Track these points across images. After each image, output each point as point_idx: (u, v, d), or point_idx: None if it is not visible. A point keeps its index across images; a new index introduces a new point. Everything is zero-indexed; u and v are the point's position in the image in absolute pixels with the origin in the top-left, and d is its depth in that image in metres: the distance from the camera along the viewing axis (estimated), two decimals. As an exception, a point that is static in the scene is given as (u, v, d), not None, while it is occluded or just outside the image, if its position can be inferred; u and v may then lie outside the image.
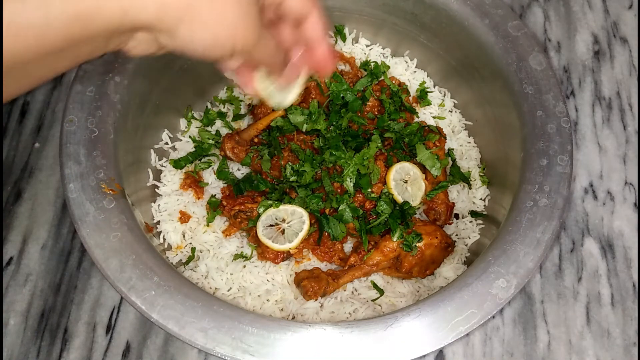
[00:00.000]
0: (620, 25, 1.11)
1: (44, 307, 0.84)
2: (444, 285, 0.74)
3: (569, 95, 1.05)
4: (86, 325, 0.82)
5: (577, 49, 1.09)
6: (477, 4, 0.84)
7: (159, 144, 0.91)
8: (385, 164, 0.85)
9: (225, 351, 0.60)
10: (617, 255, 0.90)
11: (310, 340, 0.61)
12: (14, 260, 0.86)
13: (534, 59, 0.80)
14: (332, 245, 0.83)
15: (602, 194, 0.95)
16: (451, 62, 0.94)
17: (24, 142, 0.96)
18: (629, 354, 0.83)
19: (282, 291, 0.81)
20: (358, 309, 0.79)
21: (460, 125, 0.97)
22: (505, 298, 0.64)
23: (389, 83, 0.94)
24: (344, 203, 0.81)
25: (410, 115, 0.93)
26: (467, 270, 0.69)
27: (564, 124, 0.76)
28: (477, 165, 0.94)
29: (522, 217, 0.70)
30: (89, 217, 0.67)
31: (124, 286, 0.64)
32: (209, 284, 0.82)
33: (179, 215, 0.86)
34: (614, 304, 0.87)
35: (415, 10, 0.91)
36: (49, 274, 0.86)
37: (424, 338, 0.62)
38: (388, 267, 0.81)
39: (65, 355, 0.80)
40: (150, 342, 0.81)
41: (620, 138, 1.00)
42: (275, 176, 0.85)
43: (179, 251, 0.85)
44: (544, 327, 0.85)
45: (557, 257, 0.90)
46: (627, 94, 1.04)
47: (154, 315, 0.62)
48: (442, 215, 0.87)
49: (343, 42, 1.00)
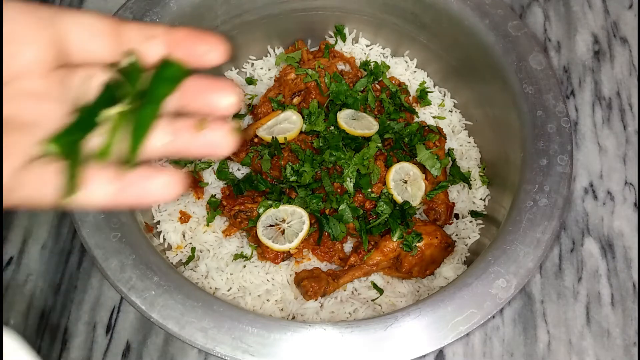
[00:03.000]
0: (620, 25, 1.11)
1: (44, 307, 0.84)
2: (444, 285, 0.74)
3: (569, 95, 1.05)
4: (86, 325, 0.82)
5: (577, 49, 1.09)
6: (477, 4, 0.84)
7: (159, 144, 0.91)
8: (385, 164, 0.85)
9: (225, 351, 0.60)
10: (617, 255, 0.90)
11: (310, 340, 0.61)
12: (14, 260, 0.86)
13: (534, 59, 0.80)
14: (332, 245, 0.83)
15: (602, 194, 0.95)
16: (451, 62, 0.94)
17: (24, 142, 0.96)
18: (629, 354, 0.83)
19: (282, 291, 0.81)
20: (358, 309, 0.79)
21: (460, 125, 0.97)
22: (505, 298, 0.64)
23: (388, 83, 0.94)
24: (344, 203, 0.81)
25: (410, 115, 0.93)
26: (467, 270, 0.69)
27: (564, 124, 0.76)
28: (477, 165, 0.94)
29: (522, 217, 0.70)
30: (89, 217, 0.67)
31: (124, 286, 0.64)
32: (209, 284, 0.82)
33: (179, 215, 0.86)
34: (614, 304, 0.87)
35: (415, 10, 0.91)
36: (49, 274, 0.86)
37: (424, 338, 0.62)
38: (388, 267, 0.81)
39: (65, 355, 0.80)
40: (150, 342, 0.81)
41: (620, 138, 1.00)
42: (275, 176, 0.85)
43: (179, 251, 0.85)
44: (544, 327, 0.85)
45: (557, 257, 0.90)
46: (627, 94, 1.04)
47: (154, 315, 0.62)
48: (442, 215, 0.87)
49: (343, 42, 1.00)
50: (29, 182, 0.34)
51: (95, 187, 0.35)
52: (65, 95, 0.36)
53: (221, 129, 0.38)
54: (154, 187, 0.36)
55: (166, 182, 0.36)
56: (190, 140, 0.38)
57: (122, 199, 0.36)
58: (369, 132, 0.85)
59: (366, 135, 0.85)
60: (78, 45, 0.36)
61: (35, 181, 0.35)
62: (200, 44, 0.38)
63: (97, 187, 0.35)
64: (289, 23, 0.97)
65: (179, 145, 0.38)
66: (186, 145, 0.38)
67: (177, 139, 0.37)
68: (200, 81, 0.38)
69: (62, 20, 0.36)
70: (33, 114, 0.35)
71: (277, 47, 1.01)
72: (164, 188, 0.36)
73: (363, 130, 0.85)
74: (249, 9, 0.91)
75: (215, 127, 0.38)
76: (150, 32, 0.38)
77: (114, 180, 0.36)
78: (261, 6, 0.91)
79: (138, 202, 0.37)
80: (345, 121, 0.86)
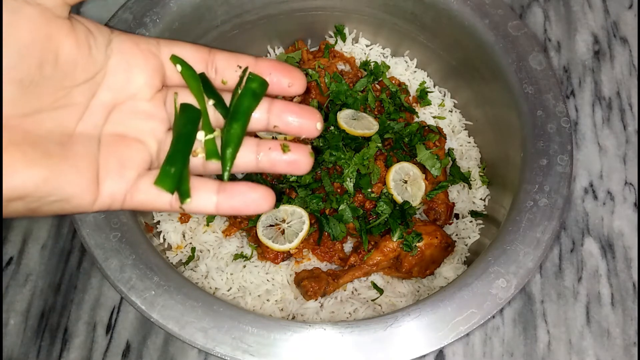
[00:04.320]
0: (620, 25, 1.11)
1: (44, 307, 0.84)
2: (444, 285, 0.74)
3: (569, 95, 1.05)
4: (86, 325, 0.82)
5: (577, 49, 1.09)
6: (477, 4, 0.84)
7: (159, 144, 0.91)
8: (385, 164, 0.85)
9: (225, 351, 0.60)
10: (617, 255, 0.90)
11: (310, 340, 0.61)
12: (14, 260, 0.86)
13: (534, 59, 0.80)
14: (332, 245, 0.83)
15: (602, 194, 0.95)
16: (451, 62, 0.94)
17: (24, 142, 0.96)
18: (629, 354, 0.83)
19: (282, 291, 0.81)
20: (358, 309, 0.79)
21: (460, 125, 0.97)
22: (505, 298, 0.64)
23: (388, 83, 0.94)
24: (344, 203, 0.81)
25: (410, 115, 0.93)
26: (467, 270, 0.69)
27: (564, 124, 0.76)
28: (477, 165, 0.94)
29: (522, 217, 0.70)
30: (89, 217, 0.67)
31: (124, 286, 0.64)
32: (209, 284, 0.82)
33: (179, 215, 0.86)
34: (614, 304, 0.87)
35: (415, 10, 0.91)
36: (49, 274, 0.86)
37: (424, 338, 0.62)
38: (388, 267, 0.81)
39: (65, 355, 0.80)
40: (150, 342, 0.81)
41: (620, 138, 1.00)
42: (275, 176, 0.85)
43: (179, 251, 0.85)
44: (544, 327, 0.85)
45: (557, 257, 0.90)
46: (627, 93, 1.04)
47: (154, 315, 0.62)
48: (442, 215, 0.87)
49: (343, 42, 1.00)
50: (146, 189, 0.40)
51: (203, 197, 0.41)
52: (165, 114, 0.43)
53: (304, 150, 0.44)
54: (252, 199, 0.42)
55: (263, 195, 0.42)
56: (278, 159, 0.44)
57: (225, 208, 0.42)
58: (369, 132, 0.85)
59: (366, 135, 0.85)
60: (175, 71, 0.43)
61: (151, 190, 0.40)
62: (285, 77, 0.44)
63: (205, 197, 0.41)
64: (289, 23, 0.97)
65: (267, 162, 0.44)
66: (274, 163, 0.44)
67: (266, 156, 0.43)
68: (293, 106, 0.44)
69: (164, 50, 0.42)
70: (143, 130, 0.42)
71: (277, 47, 1.01)
72: (261, 200, 0.42)
73: (363, 130, 0.85)
74: (249, 9, 0.91)
75: (297, 148, 0.44)
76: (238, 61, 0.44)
77: (218, 192, 0.41)
78: (261, 6, 0.91)
79: (238, 212, 0.42)
80: (345, 121, 0.86)
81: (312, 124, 0.45)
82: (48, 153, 0.36)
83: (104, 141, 0.40)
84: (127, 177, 0.40)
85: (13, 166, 0.34)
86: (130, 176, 0.40)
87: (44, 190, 0.36)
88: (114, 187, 0.40)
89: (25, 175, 0.35)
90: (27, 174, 0.35)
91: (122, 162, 0.40)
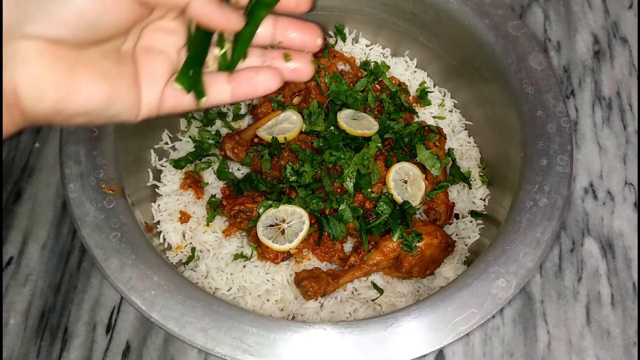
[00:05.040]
0: (620, 25, 1.11)
1: (44, 307, 0.84)
2: (444, 285, 0.74)
3: (569, 95, 1.05)
4: (86, 325, 0.82)
5: (577, 49, 1.09)
6: (477, 4, 0.84)
7: (159, 143, 0.91)
8: (385, 164, 0.85)
9: (225, 351, 0.60)
10: (617, 255, 0.90)
11: (310, 340, 0.61)
12: (14, 260, 0.86)
13: (534, 59, 0.80)
14: (332, 245, 0.83)
15: (602, 194, 0.95)
16: (451, 62, 0.94)
17: (24, 142, 0.96)
18: (629, 354, 0.83)
19: (282, 291, 0.81)
20: (358, 309, 0.79)
21: (460, 125, 0.97)
22: (505, 298, 0.64)
23: (388, 83, 0.94)
24: (344, 203, 0.81)
25: (410, 115, 0.93)
26: (467, 270, 0.69)
27: (564, 124, 0.76)
28: (477, 165, 0.94)
29: (522, 217, 0.70)
30: (89, 217, 0.67)
31: (124, 286, 0.64)
32: (209, 284, 0.82)
33: (179, 215, 0.86)
34: (614, 304, 0.87)
35: (415, 10, 0.91)
36: (49, 274, 0.86)
37: (424, 338, 0.62)
38: (388, 267, 0.81)
39: (65, 355, 0.80)
40: (150, 342, 0.81)
41: (620, 138, 1.00)
42: (275, 176, 0.85)
43: (179, 251, 0.85)
44: (544, 327, 0.85)
45: (557, 257, 0.90)
46: (627, 94, 1.04)
47: (154, 315, 0.62)
48: (442, 215, 0.87)
49: (343, 42, 1.00)
50: (171, 95, 0.46)
51: (218, 89, 0.47)
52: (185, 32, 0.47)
53: (305, 59, 0.50)
54: (260, 80, 0.48)
55: (269, 75, 0.48)
56: (282, 66, 0.49)
57: (238, 94, 0.48)
58: (369, 132, 0.85)
59: (366, 135, 0.85)
60: None
61: (175, 94, 0.46)
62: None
63: (219, 88, 0.48)
64: (289, 23, 0.97)
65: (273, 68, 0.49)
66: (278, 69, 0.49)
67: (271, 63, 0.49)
68: (296, 23, 0.50)
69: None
70: (166, 42, 0.46)
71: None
72: (268, 79, 0.48)
73: (363, 130, 0.85)
74: (249, 9, 0.91)
75: (299, 57, 0.50)
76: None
77: (229, 81, 0.48)
78: (261, 6, 0.91)
79: (251, 95, 0.48)
80: (345, 121, 0.86)
81: (313, 39, 0.50)
82: (108, 72, 0.41)
83: (137, 56, 0.45)
84: (158, 87, 0.45)
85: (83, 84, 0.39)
86: (160, 85, 0.45)
87: (105, 105, 0.41)
88: (149, 98, 0.45)
89: (92, 92, 0.40)
90: (94, 90, 0.40)
91: (153, 74, 0.45)
